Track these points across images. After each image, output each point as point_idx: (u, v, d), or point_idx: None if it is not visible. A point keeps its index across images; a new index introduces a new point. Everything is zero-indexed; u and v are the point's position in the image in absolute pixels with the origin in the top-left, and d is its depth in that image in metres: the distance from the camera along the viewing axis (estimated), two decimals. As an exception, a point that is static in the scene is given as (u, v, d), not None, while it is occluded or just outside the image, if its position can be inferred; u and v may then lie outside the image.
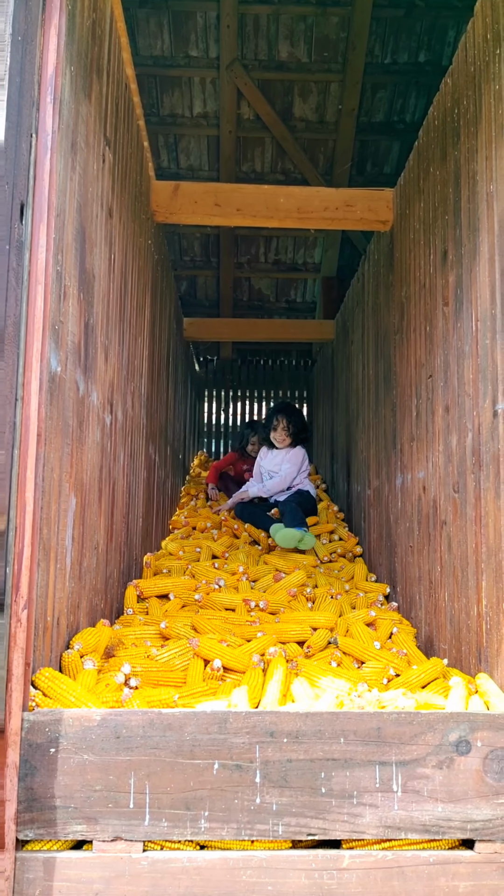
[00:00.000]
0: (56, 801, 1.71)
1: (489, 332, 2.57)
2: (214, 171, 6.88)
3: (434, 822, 1.76)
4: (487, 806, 1.77)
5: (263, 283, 8.42)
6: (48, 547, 2.09)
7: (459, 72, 2.98)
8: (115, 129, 2.89)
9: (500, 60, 2.52)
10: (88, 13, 2.36)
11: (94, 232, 2.54)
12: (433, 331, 3.26)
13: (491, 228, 2.58)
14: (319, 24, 5.76)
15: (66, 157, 2.12)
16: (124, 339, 3.24)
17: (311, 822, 1.75)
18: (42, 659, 2.07)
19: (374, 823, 1.76)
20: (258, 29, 5.84)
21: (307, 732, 1.77)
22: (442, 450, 3.09)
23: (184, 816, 1.73)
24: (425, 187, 3.47)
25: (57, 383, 2.13)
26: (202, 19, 5.73)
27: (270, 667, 2.55)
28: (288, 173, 6.92)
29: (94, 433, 2.66)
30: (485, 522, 2.57)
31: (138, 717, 1.76)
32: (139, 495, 3.86)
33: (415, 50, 5.94)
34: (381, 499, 4.29)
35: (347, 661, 2.89)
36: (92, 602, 2.73)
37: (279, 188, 4.15)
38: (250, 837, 1.74)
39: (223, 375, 9.27)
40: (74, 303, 2.31)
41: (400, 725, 1.79)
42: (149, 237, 3.91)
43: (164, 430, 4.98)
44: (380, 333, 4.45)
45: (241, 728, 1.77)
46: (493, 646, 2.46)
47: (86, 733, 1.74)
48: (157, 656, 2.60)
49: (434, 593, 3.15)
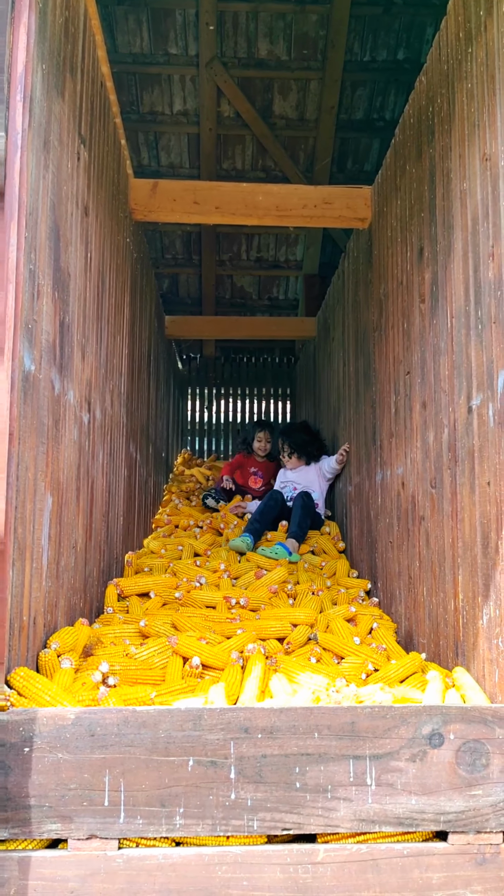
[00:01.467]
0: (31, 801, 1.71)
1: (463, 329, 2.59)
2: (195, 168, 6.88)
3: (408, 814, 1.78)
4: (460, 798, 1.78)
5: (245, 280, 8.43)
6: (23, 546, 2.08)
7: (434, 70, 3.00)
8: (90, 128, 2.89)
9: (473, 59, 2.54)
10: (61, 11, 2.35)
11: (68, 230, 2.53)
12: (411, 328, 3.28)
13: (465, 226, 2.60)
14: (298, 21, 5.77)
15: (38, 156, 2.11)
16: (102, 337, 3.24)
17: (285, 817, 1.76)
18: (18, 658, 2.07)
19: (349, 817, 1.77)
20: (237, 26, 5.83)
21: (281, 728, 1.78)
22: (420, 446, 3.12)
23: (159, 813, 1.74)
24: (402, 185, 3.49)
25: (31, 382, 2.12)
26: (181, 17, 5.72)
27: (249, 663, 2.55)
28: (269, 171, 6.92)
29: (70, 432, 2.66)
30: (461, 517, 2.59)
31: (113, 716, 1.76)
32: (120, 494, 3.86)
33: (393, 47, 5.96)
34: (361, 495, 4.32)
35: (327, 656, 2.90)
36: (70, 601, 2.72)
37: (258, 186, 4.15)
38: (225, 833, 1.75)
39: (206, 373, 9.27)
40: (49, 301, 2.30)
41: (373, 719, 1.80)
42: (127, 235, 3.90)
43: (145, 429, 4.97)
44: (359, 330, 4.47)
45: (215, 724, 1.77)
46: (470, 640, 2.48)
47: (60, 732, 1.74)
48: (136, 655, 2.60)
49: (413, 588, 3.17)
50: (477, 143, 2.49)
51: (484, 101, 2.43)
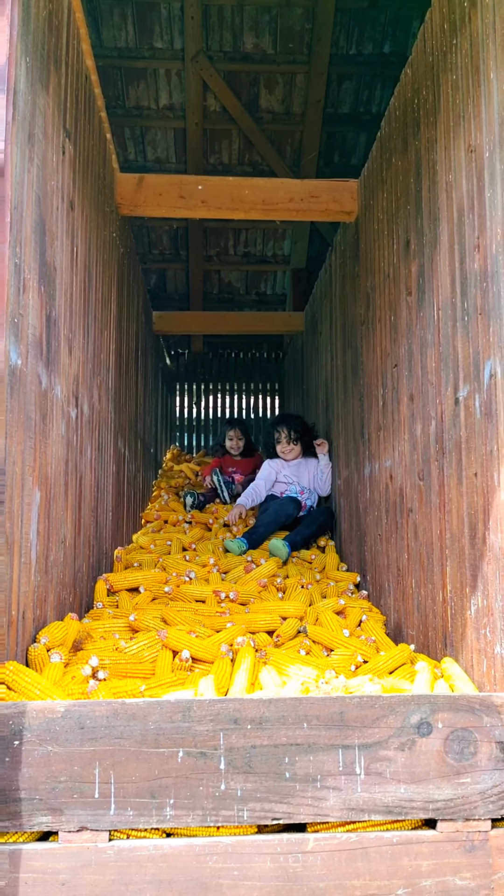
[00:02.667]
0: (21, 794, 1.71)
1: (450, 321, 2.60)
2: (182, 163, 6.86)
3: (397, 803, 1.79)
4: (449, 786, 1.80)
5: (233, 275, 8.42)
6: (12, 541, 2.08)
7: (419, 62, 3.01)
8: (75, 121, 2.87)
9: (458, 51, 2.55)
10: (45, 3, 2.34)
11: (54, 224, 2.52)
12: (398, 320, 3.29)
13: (450, 218, 2.61)
14: (284, 15, 5.75)
15: (22, 149, 2.10)
16: (89, 332, 3.23)
17: (275, 807, 1.77)
18: (7, 653, 2.07)
19: (338, 806, 1.78)
20: (223, 20, 5.81)
21: (270, 718, 1.79)
22: (407, 438, 3.13)
23: (149, 805, 1.74)
24: (388, 178, 3.49)
25: (18, 376, 2.12)
26: (166, 10, 5.69)
27: (239, 656, 2.56)
28: (255, 165, 6.91)
29: (58, 427, 2.65)
30: (448, 509, 2.60)
31: (102, 708, 1.77)
32: (108, 489, 3.85)
33: (379, 41, 5.96)
34: (350, 488, 4.33)
35: (317, 649, 2.91)
36: (60, 596, 2.72)
37: (244, 180, 4.15)
38: (216, 823, 1.76)
39: (194, 369, 9.26)
40: (35, 295, 2.29)
41: (362, 709, 1.81)
42: (114, 230, 3.89)
43: (133, 424, 4.96)
44: (347, 324, 4.48)
45: (204, 716, 1.78)
46: (458, 630, 2.50)
47: (50, 725, 1.74)
48: (126, 648, 2.60)
49: (402, 580, 3.19)
50: (462, 134, 2.49)
51: (469, 92, 2.44)
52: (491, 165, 2.24)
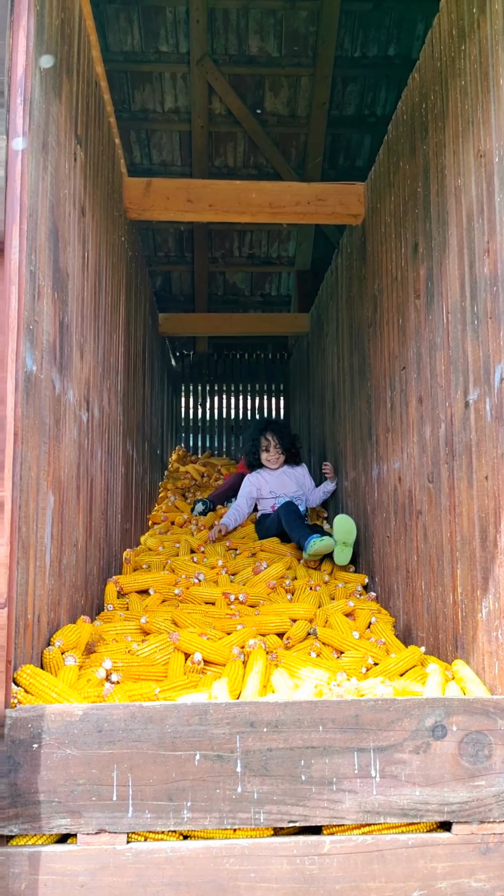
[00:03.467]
0: (40, 796, 1.73)
1: (459, 324, 2.61)
2: (187, 166, 6.87)
3: (412, 805, 1.81)
4: (463, 788, 1.81)
5: (238, 277, 8.43)
6: (27, 545, 2.10)
7: (426, 67, 3.02)
8: (86, 128, 2.89)
9: (466, 56, 2.56)
10: (57, 13, 2.36)
11: (66, 231, 2.54)
12: (406, 323, 3.31)
13: (459, 222, 2.62)
14: (289, 18, 5.77)
15: (37, 157, 2.12)
16: (99, 336, 3.25)
17: (291, 810, 1.78)
18: (24, 656, 2.09)
19: (354, 809, 1.80)
20: (228, 24, 5.83)
21: (286, 721, 1.80)
22: (416, 440, 3.14)
23: (167, 807, 1.76)
24: (395, 181, 3.51)
25: (33, 382, 2.14)
26: (172, 14, 5.71)
27: (250, 659, 2.58)
28: (260, 167, 6.92)
29: (70, 431, 2.67)
30: (458, 511, 2.62)
31: (120, 711, 1.78)
32: (118, 492, 3.87)
33: (384, 43, 5.97)
34: (358, 490, 4.34)
35: (327, 651, 2.93)
36: (72, 599, 2.74)
37: (251, 183, 4.17)
38: (233, 826, 1.78)
39: (199, 370, 9.28)
40: (49, 302, 2.31)
41: (377, 712, 1.83)
42: (122, 234, 3.91)
43: (141, 426, 4.98)
44: (354, 326, 4.49)
45: (221, 719, 1.80)
46: (469, 633, 2.51)
47: (68, 728, 1.76)
48: (138, 651, 2.62)
49: (411, 582, 3.20)
50: (471, 139, 2.51)
51: (478, 97, 2.45)
52: (501, 170, 2.26)
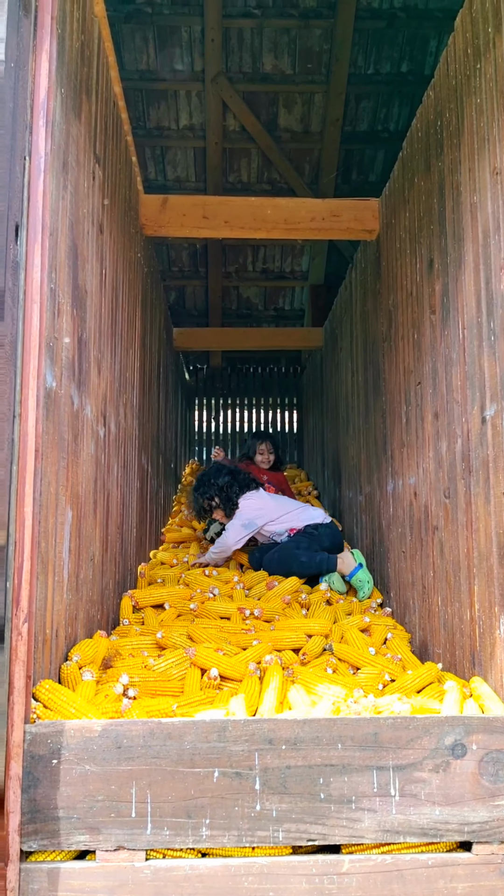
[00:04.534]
0: (59, 812, 1.73)
1: (476, 340, 2.61)
2: (202, 182, 6.93)
3: (432, 825, 1.80)
4: (484, 808, 1.80)
5: (252, 291, 8.48)
6: (46, 560, 2.11)
7: (441, 85, 3.04)
8: (104, 147, 2.93)
9: (481, 75, 2.58)
10: (77, 35, 2.40)
11: (85, 248, 2.57)
12: (421, 338, 3.31)
13: (475, 238, 2.63)
14: (303, 36, 5.83)
15: (57, 177, 2.15)
16: (116, 351, 3.28)
17: (310, 828, 1.78)
18: (42, 671, 2.09)
19: (373, 828, 1.79)
20: (242, 42, 5.90)
21: (305, 739, 1.80)
22: (432, 456, 3.14)
23: (185, 825, 1.75)
24: (410, 197, 3.53)
25: (52, 398, 2.16)
26: (187, 33, 5.79)
27: (267, 675, 2.57)
28: (274, 183, 6.98)
29: (88, 446, 2.69)
30: (476, 527, 2.61)
31: (139, 727, 1.79)
32: (133, 506, 3.89)
33: (397, 60, 6.02)
34: (373, 504, 4.33)
35: (343, 667, 2.92)
36: (89, 613, 2.75)
37: (266, 200, 4.20)
38: (251, 844, 1.77)
39: (213, 384, 9.31)
40: (68, 318, 2.34)
41: (396, 730, 1.82)
42: (138, 250, 3.94)
43: (156, 440, 5.00)
44: (368, 340, 4.50)
45: (240, 736, 1.79)
46: (487, 649, 2.50)
47: (87, 744, 1.76)
48: (155, 666, 2.62)
49: (427, 598, 3.19)
50: (487, 157, 2.52)
51: (494, 115, 2.47)
52: (517, 188, 2.27)
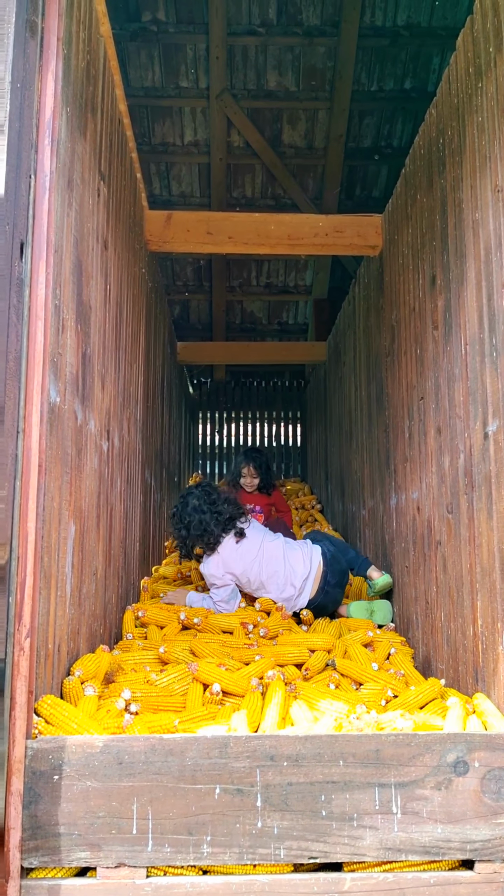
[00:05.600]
0: (60, 829, 1.73)
1: (478, 356, 2.62)
2: (206, 197, 6.99)
3: (434, 843, 1.79)
4: (486, 826, 1.79)
5: (255, 305, 8.52)
6: (49, 575, 2.12)
7: (444, 103, 3.07)
8: (109, 164, 2.96)
9: (483, 94, 2.60)
10: (83, 55, 2.43)
11: (90, 265, 2.60)
12: (423, 353, 3.32)
13: (477, 255, 2.65)
14: (306, 53, 5.89)
15: (62, 195, 2.17)
16: (120, 366, 3.29)
17: (312, 846, 1.77)
18: (44, 686, 2.09)
19: (375, 845, 1.78)
20: (247, 59, 5.96)
21: (307, 755, 1.80)
22: (435, 471, 3.14)
23: (186, 842, 1.75)
24: (413, 214, 3.55)
25: (56, 414, 2.17)
26: (192, 51, 5.85)
27: (269, 690, 2.57)
28: (278, 198, 7.02)
29: (91, 460, 2.70)
30: (478, 543, 2.61)
31: (140, 743, 1.78)
32: (136, 520, 3.89)
33: (400, 77, 6.07)
34: (376, 519, 4.33)
35: (346, 682, 2.91)
36: (91, 628, 2.75)
37: (270, 216, 4.23)
38: (252, 861, 1.76)
39: (217, 397, 9.33)
40: (72, 334, 2.35)
41: (398, 747, 1.81)
42: (142, 266, 3.97)
43: (159, 454, 5.01)
44: (371, 355, 4.52)
45: (241, 752, 1.79)
46: (490, 665, 2.49)
47: (88, 760, 1.76)
48: (157, 681, 2.62)
49: (430, 613, 3.18)
50: (489, 174, 2.54)
51: (495, 134, 2.49)
52: (519, 206, 2.29)
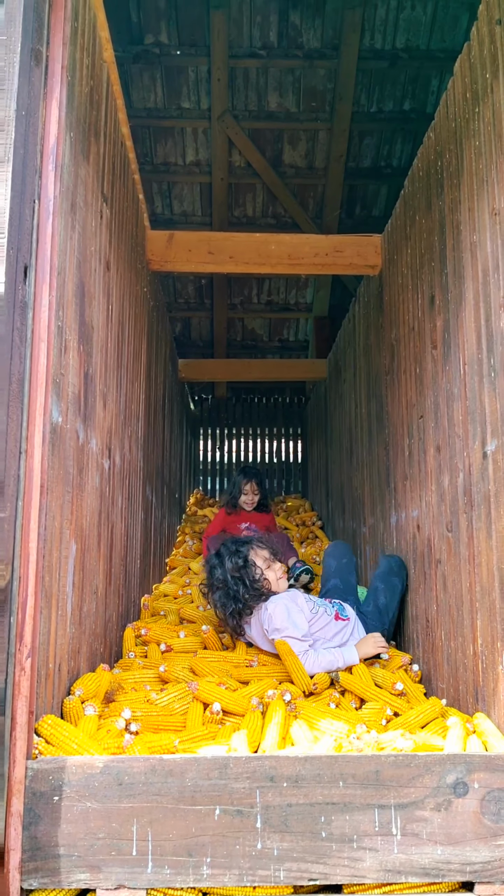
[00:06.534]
0: (60, 850, 1.73)
1: (476, 376, 2.65)
2: (207, 216, 7.05)
3: (433, 864, 1.78)
4: (486, 848, 1.79)
5: (257, 322, 8.57)
6: (49, 594, 2.13)
7: (442, 126, 3.11)
8: (111, 186, 3.00)
9: (480, 118, 2.64)
10: (86, 81, 2.48)
11: (92, 286, 2.63)
12: (423, 373, 3.35)
13: (475, 276, 2.68)
14: (307, 75, 5.97)
15: (66, 218, 2.21)
16: (122, 385, 3.32)
17: (312, 867, 1.77)
18: (44, 706, 2.10)
19: (375, 867, 1.78)
20: (248, 81, 6.04)
21: (306, 776, 1.80)
22: (435, 489, 3.15)
23: (186, 863, 1.75)
24: (412, 234, 3.59)
25: (58, 433, 2.19)
26: (194, 73, 5.93)
27: (269, 710, 2.57)
28: (279, 218, 7.09)
29: (93, 479, 2.72)
30: (478, 562, 2.62)
31: (140, 764, 1.79)
32: (137, 537, 3.90)
33: (399, 99, 6.15)
34: (376, 536, 4.34)
35: (346, 702, 2.90)
36: (92, 646, 2.75)
37: (270, 236, 4.27)
38: (252, 883, 1.76)
39: (218, 413, 9.37)
40: (75, 355, 2.38)
41: (398, 768, 1.81)
42: (144, 285, 4.01)
43: (160, 471, 5.03)
44: (371, 373, 4.54)
45: (241, 773, 1.79)
46: (490, 685, 2.49)
47: (88, 780, 1.77)
48: (157, 700, 2.62)
49: (431, 632, 3.18)
50: (486, 198, 2.57)
51: (492, 158, 2.53)
52: (516, 229, 2.32)
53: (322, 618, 3.23)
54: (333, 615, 3.26)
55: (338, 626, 3.26)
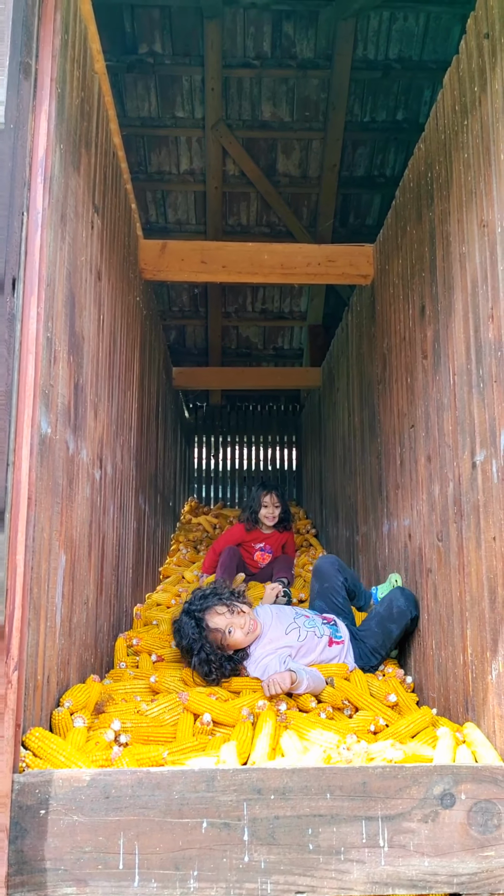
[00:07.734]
0: (46, 864, 1.72)
1: (466, 387, 2.66)
2: (202, 224, 7.07)
3: (421, 876, 1.78)
4: (473, 859, 1.79)
5: (251, 331, 8.58)
6: (38, 606, 2.12)
7: (431, 138, 3.13)
8: (103, 196, 3.01)
9: (469, 131, 2.66)
10: (77, 93, 2.49)
11: (83, 296, 2.63)
12: (414, 382, 3.36)
13: (465, 287, 2.69)
14: (300, 85, 6.00)
15: (55, 229, 2.21)
16: (114, 394, 3.32)
17: (299, 880, 1.76)
18: (33, 718, 2.09)
19: (362, 879, 1.77)
20: (242, 91, 6.07)
21: (294, 788, 1.80)
22: (425, 498, 3.16)
23: (173, 877, 1.74)
24: (403, 245, 3.60)
25: (47, 445, 2.19)
26: (188, 82, 5.96)
27: (260, 720, 2.56)
28: (273, 226, 7.11)
29: (83, 490, 2.72)
30: (468, 571, 2.62)
31: (127, 777, 1.78)
32: (129, 546, 3.90)
33: (392, 108, 6.19)
34: (369, 545, 4.34)
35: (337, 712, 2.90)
36: (82, 657, 2.75)
37: (263, 245, 4.29)
38: (239, 896, 1.75)
39: (212, 421, 9.37)
40: (64, 365, 2.38)
41: (385, 779, 1.81)
42: (137, 294, 4.02)
43: (153, 480, 5.03)
44: (364, 382, 4.56)
45: (228, 785, 1.79)
46: (479, 695, 2.49)
47: (75, 794, 1.76)
48: (147, 711, 2.62)
49: (422, 641, 3.18)
50: (475, 209, 2.59)
51: (480, 170, 2.54)
52: (503, 240, 2.33)
53: (309, 641, 3.22)
54: (327, 640, 3.26)
55: (332, 652, 3.26)
